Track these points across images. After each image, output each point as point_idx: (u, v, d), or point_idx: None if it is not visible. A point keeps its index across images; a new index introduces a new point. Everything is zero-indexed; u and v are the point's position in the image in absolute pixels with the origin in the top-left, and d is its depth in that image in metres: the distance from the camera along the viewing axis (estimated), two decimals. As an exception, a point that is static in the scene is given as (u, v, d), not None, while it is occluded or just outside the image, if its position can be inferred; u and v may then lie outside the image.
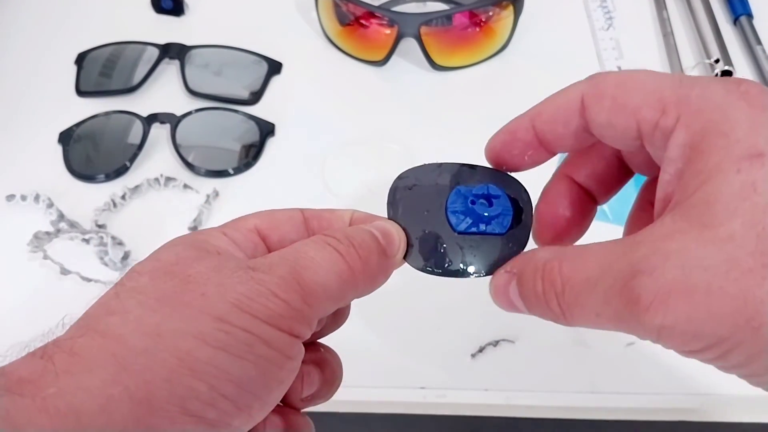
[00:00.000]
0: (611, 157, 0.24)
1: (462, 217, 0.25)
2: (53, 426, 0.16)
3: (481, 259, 0.24)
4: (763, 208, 0.17)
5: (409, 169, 0.26)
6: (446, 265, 0.24)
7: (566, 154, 0.26)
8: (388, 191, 0.26)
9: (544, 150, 0.24)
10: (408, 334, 0.37)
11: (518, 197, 0.25)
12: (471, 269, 0.24)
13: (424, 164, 0.26)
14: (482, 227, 0.25)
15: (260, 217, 0.23)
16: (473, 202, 0.25)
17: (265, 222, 0.23)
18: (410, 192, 0.26)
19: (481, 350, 0.36)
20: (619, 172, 0.24)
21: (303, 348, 0.20)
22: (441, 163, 0.26)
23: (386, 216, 0.25)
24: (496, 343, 0.36)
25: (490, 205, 0.25)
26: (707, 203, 0.18)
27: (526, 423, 0.37)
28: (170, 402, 0.17)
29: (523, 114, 0.24)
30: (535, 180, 0.26)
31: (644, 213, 0.24)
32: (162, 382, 0.17)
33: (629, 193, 0.43)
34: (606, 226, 0.41)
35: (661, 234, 0.18)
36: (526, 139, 0.24)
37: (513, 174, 0.26)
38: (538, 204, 0.26)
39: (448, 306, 0.38)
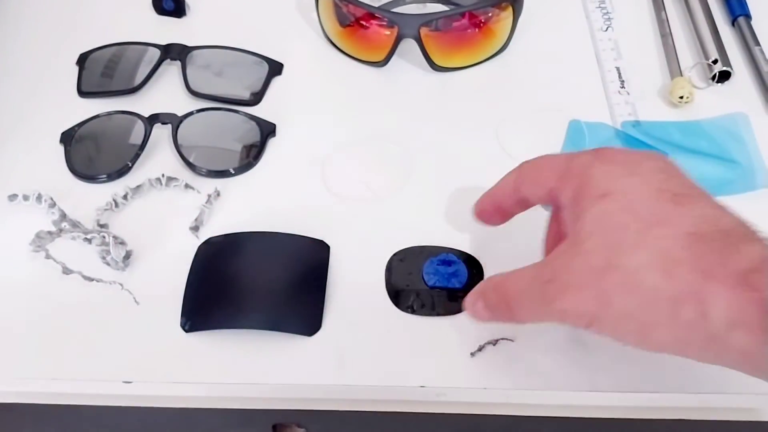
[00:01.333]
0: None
1: (432, 276, 0.38)
2: None
3: (444, 304, 0.37)
4: (610, 228, 0.27)
5: (401, 249, 0.39)
6: (422, 307, 0.37)
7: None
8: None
9: (507, 214, 0.36)
10: (407, 333, 0.37)
11: (475, 267, 0.39)
12: (439, 311, 0.37)
13: (413, 246, 0.39)
14: (445, 282, 0.38)
15: None
16: (439, 264, 0.38)
17: None
18: (401, 262, 0.39)
19: (480, 349, 0.36)
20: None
21: None
22: (424, 246, 0.39)
23: (383, 281, 0.38)
24: (495, 342, 0.36)
25: (450, 266, 0.38)
26: (578, 231, 0.28)
27: (526, 421, 0.37)
28: None
29: (484, 195, 0.36)
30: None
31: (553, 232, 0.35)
32: None
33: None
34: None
35: (557, 255, 0.29)
36: (492, 210, 0.36)
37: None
38: (482, 200, 0.36)
39: (448, 305, 0.38)
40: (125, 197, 0.43)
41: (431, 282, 0.38)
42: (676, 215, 0.26)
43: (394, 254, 0.39)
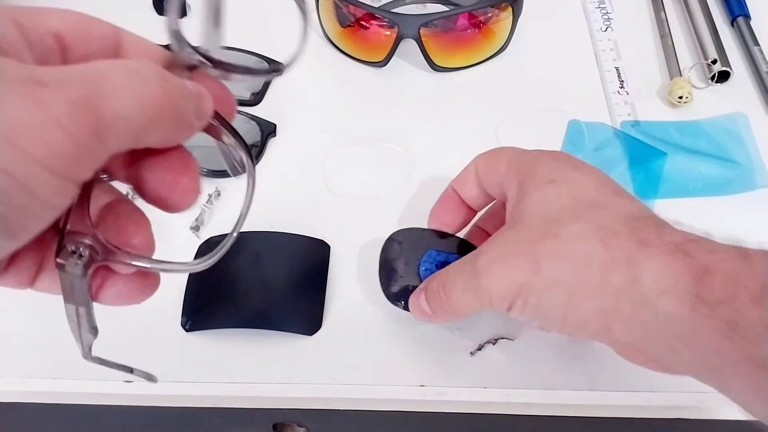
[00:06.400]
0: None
1: (429, 273, 0.34)
2: None
3: None
4: (551, 208, 0.28)
5: (399, 230, 0.36)
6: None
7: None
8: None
9: (468, 209, 0.35)
10: (408, 332, 0.37)
11: None
12: None
13: (411, 228, 0.36)
14: None
15: (66, 21, 0.19)
16: (437, 265, 0.35)
17: (71, 29, 0.19)
18: (398, 246, 0.36)
19: (480, 348, 0.36)
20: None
21: (77, 190, 0.17)
22: (424, 229, 0.36)
23: (378, 264, 0.35)
24: (495, 341, 0.36)
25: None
26: (521, 211, 0.29)
27: (525, 420, 0.37)
28: None
29: (448, 187, 0.36)
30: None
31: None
32: None
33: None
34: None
35: (494, 236, 0.30)
36: (453, 203, 0.35)
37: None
38: (434, 207, 0.36)
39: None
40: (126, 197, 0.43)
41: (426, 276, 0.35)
42: (615, 202, 0.28)
43: (390, 236, 0.36)
